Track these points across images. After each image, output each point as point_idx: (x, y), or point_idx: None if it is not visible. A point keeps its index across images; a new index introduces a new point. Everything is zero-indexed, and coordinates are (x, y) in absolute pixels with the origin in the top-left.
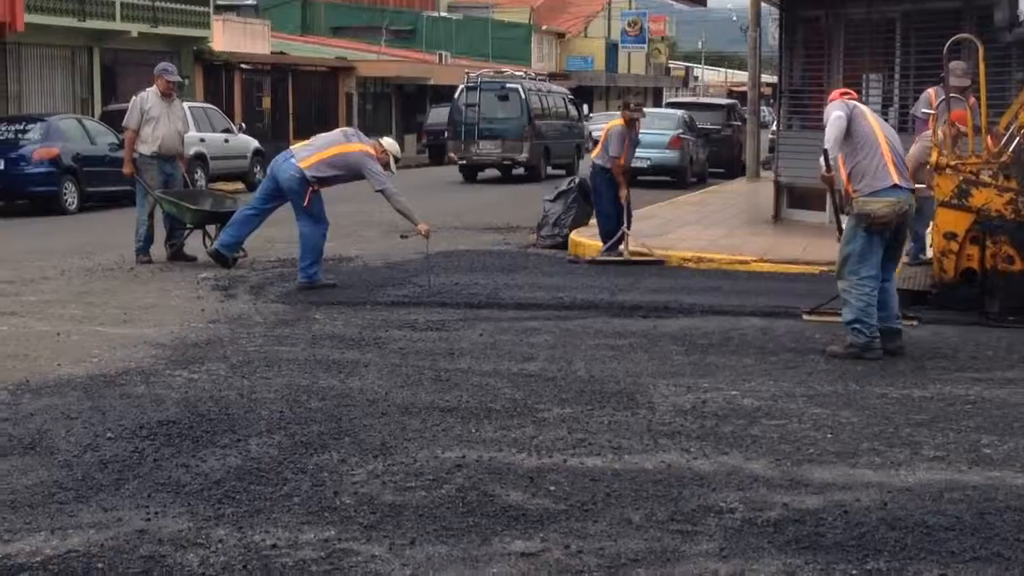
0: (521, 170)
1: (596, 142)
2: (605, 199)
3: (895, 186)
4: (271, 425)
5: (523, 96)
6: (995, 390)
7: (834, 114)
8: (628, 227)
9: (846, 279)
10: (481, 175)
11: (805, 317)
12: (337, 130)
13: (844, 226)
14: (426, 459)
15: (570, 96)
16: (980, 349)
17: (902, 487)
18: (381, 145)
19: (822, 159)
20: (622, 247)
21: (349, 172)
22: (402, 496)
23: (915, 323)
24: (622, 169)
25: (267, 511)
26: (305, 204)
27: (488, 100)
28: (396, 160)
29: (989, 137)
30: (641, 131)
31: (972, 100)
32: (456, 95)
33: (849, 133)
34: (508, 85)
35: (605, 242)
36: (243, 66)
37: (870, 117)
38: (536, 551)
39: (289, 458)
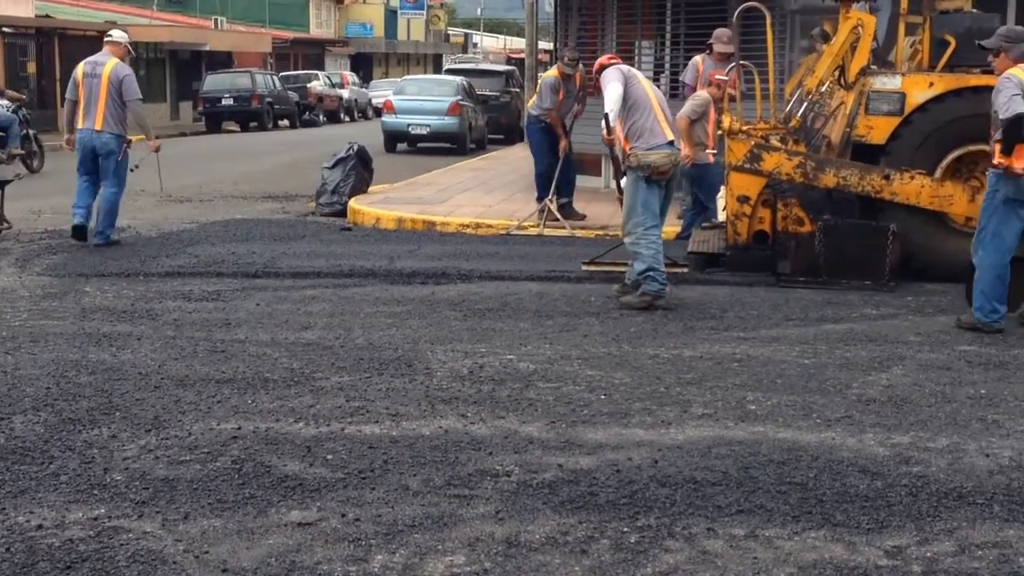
0: None
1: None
2: (539, 148)
3: (669, 142)
4: (37, 402)
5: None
6: (760, 348)
7: (612, 82)
8: (560, 192)
9: (633, 232)
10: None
11: (584, 267)
12: (79, 73)
13: (624, 184)
14: (201, 432)
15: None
16: (746, 309)
17: (672, 445)
18: (116, 41)
19: (603, 122)
20: (547, 208)
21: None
22: (176, 470)
23: (685, 270)
24: (558, 120)
25: (32, 491)
26: (120, 158)
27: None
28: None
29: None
30: (420, 97)
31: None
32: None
33: (624, 96)
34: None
35: (539, 191)
36: (5, 29)
37: (641, 79)
38: (313, 520)
39: (56, 435)
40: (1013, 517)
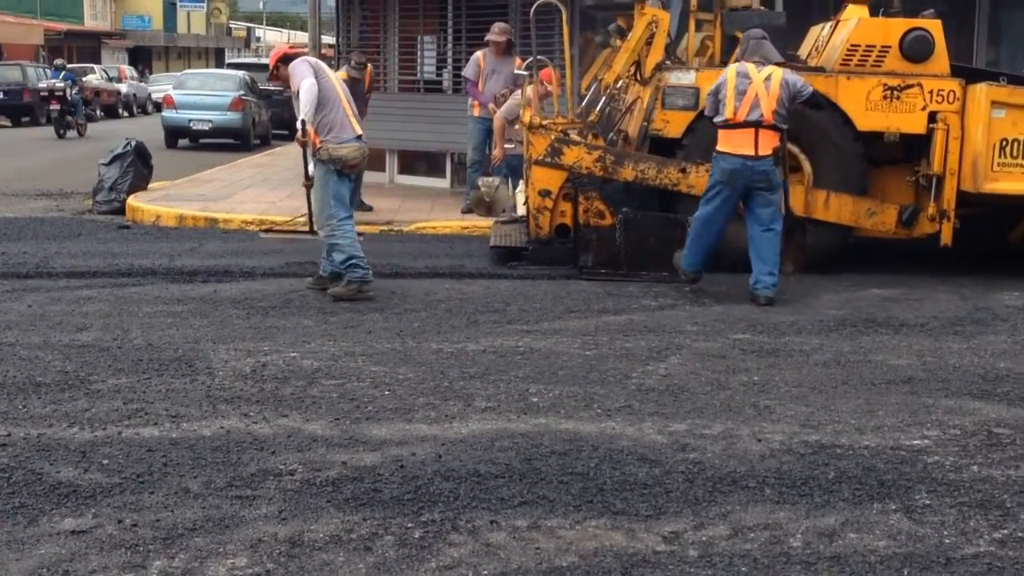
0: None
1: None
2: None
3: (358, 136)
4: None
5: None
6: (542, 341)
7: (307, 81)
8: None
9: (328, 225)
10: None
11: (262, 235)
12: None
13: (314, 177)
14: None
15: None
16: (529, 302)
17: (456, 439)
18: None
19: (299, 125)
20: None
21: None
22: None
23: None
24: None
25: None
26: None
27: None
28: None
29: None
30: (202, 92)
31: (518, 61)
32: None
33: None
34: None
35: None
36: None
37: (328, 72)
38: (88, 528)
39: None
40: (783, 499)
